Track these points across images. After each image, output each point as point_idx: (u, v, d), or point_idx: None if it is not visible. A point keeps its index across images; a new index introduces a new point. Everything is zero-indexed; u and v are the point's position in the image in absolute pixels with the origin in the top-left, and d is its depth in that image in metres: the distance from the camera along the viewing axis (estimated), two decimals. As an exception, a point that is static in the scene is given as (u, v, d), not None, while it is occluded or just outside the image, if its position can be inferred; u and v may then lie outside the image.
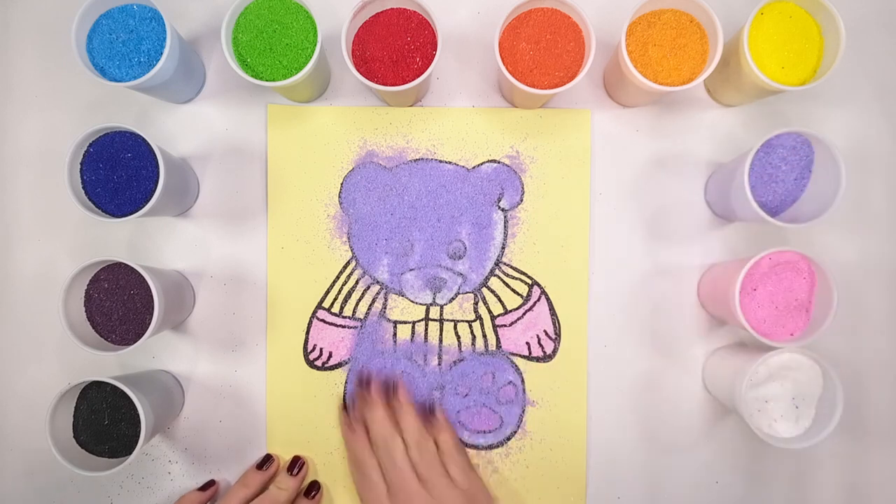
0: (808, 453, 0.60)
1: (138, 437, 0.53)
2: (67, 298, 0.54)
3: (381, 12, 0.55)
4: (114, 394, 0.55)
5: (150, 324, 0.53)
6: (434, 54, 0.54)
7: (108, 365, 0.61)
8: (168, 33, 0.53)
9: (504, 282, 0.59)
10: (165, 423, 0.59)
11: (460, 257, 0.59)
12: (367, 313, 0.59)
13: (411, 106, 0.62)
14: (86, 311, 0.56)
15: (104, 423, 0.55)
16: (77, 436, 0.55)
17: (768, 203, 0.56)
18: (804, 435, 0.54)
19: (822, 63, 0.54)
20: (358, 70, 0.53)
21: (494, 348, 0.59)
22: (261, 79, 0.54)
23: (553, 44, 0.54)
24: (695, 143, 0.61)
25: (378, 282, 0.59)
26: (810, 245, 0.61)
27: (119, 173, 0.55)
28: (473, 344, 0.59)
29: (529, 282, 0.59)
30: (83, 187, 0.55)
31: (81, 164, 0.55)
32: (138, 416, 0.52)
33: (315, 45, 0.53)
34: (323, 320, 0.59)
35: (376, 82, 0.54)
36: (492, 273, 0.59)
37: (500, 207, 0.59)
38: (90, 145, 0.55)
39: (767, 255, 0.53)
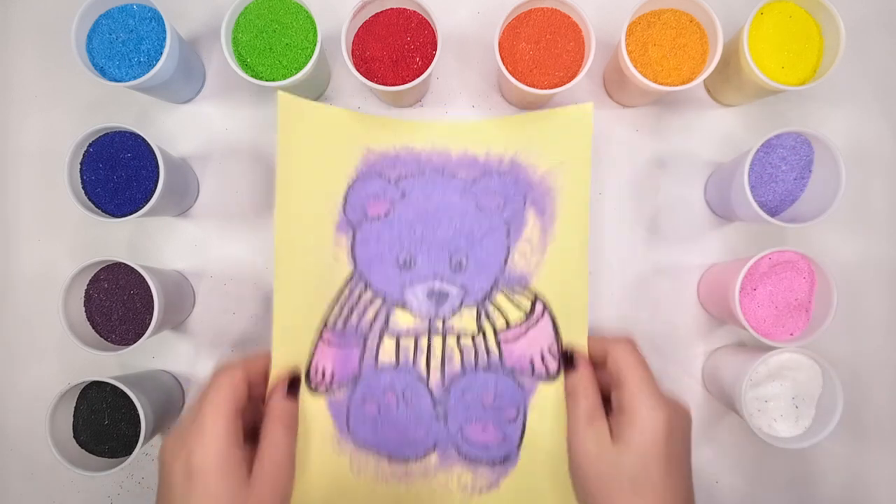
0: (808, 453, 0.60)
1: (138, 437, 0.53)
2: (67, 298, 0.54)
3: (381, 12, 0.55)
4: (114, 394, 0.55)
5: (150, 324, 0.53)
6: (434, 54, 0.54)
7: (108, 365, 0.61)
8: (168, 33, 0.53)
9: (507, 295, 0.57)
10: (165, 423, 0.59)
11: (463, 269, 0.57)
12: (369, 329, 0.57)
13: (411, 106, 0.62)
14: (86, 311, 0.56)
15: (104, 423, 0.55)
16: (77, 436, 0.55)
17: (768, 203, 0.56)
18: (804, 435, 0.54)
19: (822, 63, 0.54)
20: (358, 70, 0.53)
21: (498, 364, 0.57)
22: (261, 79, 0.54)
23: (553, 44, 0.54)
24: (695, 143, 0.61)
25: (380, 296, 0.57)
26: (810, 245, 0.61)
27: (119, 173, 0.55)
28: (476, 358, 0.57)
29: (532, 297, 0.57)
30: (83, 187, 0.55)
31: (81, 164, 0.55)
32: (138, 416, 0.52)
33: (315, 45, 0.53)
34: (328, 341, 0.56)
35: (376, 82, 0.54)
36: (495, 286, 0.57)
37: (502, 219, 0.58)
38: (90, 145, 0.55)
39: (767, 255, 0.53)
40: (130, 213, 0.53)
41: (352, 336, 0.56)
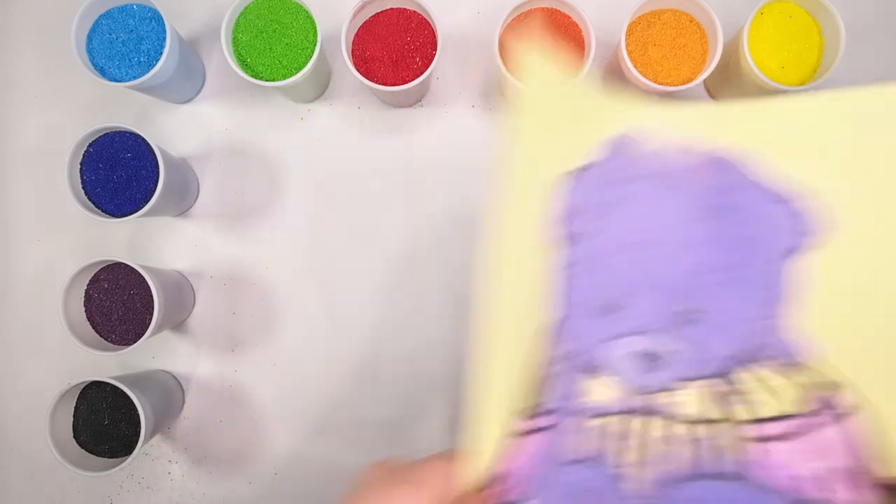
0: (809, 453, 0.60)
1: (138, 437, 0.53)
2: (67, 298, 0.54)
3: (381, 12, 0.55)
4: (114, 394, 0.55)
5: (150, 324, 0.53)
6: (434, 54, 0.54)
7: (108, 365, 0.61)
8: (168, 33, 0.53)
9: (772, 371, 0.36)
10: (165, 423, 0.59)
11: (695, 323, 0.37)
12: (556, 406, 0.38)
13: (411, 106, 0.62)
14: (86, 311, 0.56)
15: (104, 423, 0.55)
16: (77, 436, 0.55)
17: (768, 203, 0.56)
18: (804, 435, 0.54)
19: (822, 63, 0.54)
20: (358, 70, 0.53)
21: (744, 473, 0.36)
22: (261, 79, 0.54)
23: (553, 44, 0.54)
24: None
25: (571, 355, 0.38)
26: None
27: (119, 173, 0.55)
28: (709, 458, 0.36)
29: (820, 379, 0.35)
30: (83, 187, 0.55)
31: (81, 164, 0.55)
32: (138, 416, 0.52)
33: (315, 45, 0.53)
34: (519, 432, 0.38)
35: (376, 82, 0.54)
36: (748, 354, 0.36)
37: (767, 254, 0.36)
38: (90, 145, 0.55)
39: None
40: (130, 213, 0.53)
41: (538, 419, 0.39)
